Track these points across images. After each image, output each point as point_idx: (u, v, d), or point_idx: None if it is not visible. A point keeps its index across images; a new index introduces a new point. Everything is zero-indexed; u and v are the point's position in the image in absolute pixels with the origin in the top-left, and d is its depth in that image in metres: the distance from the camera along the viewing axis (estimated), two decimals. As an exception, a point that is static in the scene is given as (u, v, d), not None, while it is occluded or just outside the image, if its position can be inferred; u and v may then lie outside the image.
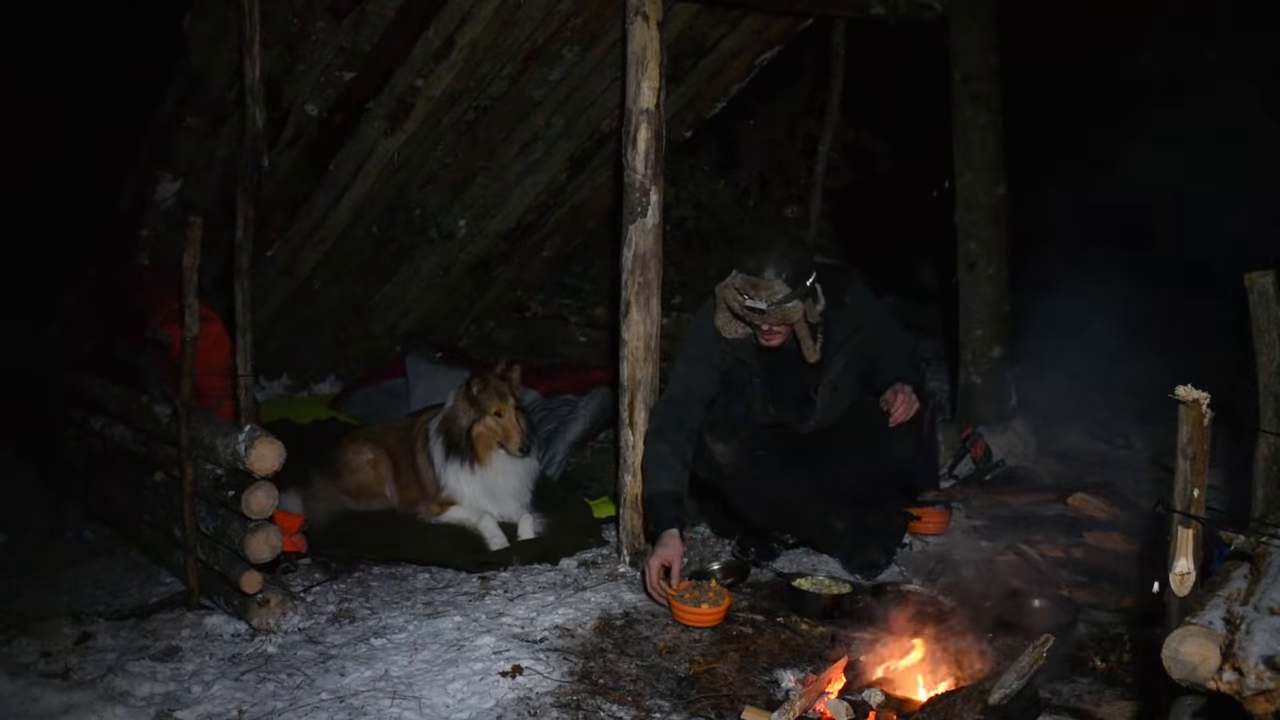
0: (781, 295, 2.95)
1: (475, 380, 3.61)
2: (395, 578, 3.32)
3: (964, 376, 4.79)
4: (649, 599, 3.05)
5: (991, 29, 4.62)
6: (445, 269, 5.86)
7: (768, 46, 5.35)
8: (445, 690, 2.43)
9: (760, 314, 2.99)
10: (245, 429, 2.81)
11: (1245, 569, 1.84)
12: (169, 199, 4.54)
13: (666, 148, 3.33)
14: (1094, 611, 2.91)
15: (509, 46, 4.54)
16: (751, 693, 2.43)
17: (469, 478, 3.59)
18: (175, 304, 3.57)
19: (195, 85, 4.13)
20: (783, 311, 2.98)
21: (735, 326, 3.16)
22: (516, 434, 3.54)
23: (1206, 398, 1.80)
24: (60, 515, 4.01)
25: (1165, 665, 1.53)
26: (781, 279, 2.96)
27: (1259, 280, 2.23)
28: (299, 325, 5.65)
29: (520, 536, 3.57)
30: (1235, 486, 2.87)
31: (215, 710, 2.35)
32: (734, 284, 3.02)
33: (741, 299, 2.99)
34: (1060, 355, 4.76)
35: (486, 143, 5.18)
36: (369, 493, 3.81)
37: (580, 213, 6.13)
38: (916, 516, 3.68)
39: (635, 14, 3.15)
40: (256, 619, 2.82)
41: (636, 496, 3.32)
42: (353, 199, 4.98)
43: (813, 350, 3.13)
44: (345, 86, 4.38)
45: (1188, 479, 1.81)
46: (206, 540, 2.97)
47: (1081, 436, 5.02)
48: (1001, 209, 4.67)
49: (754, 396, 3.31)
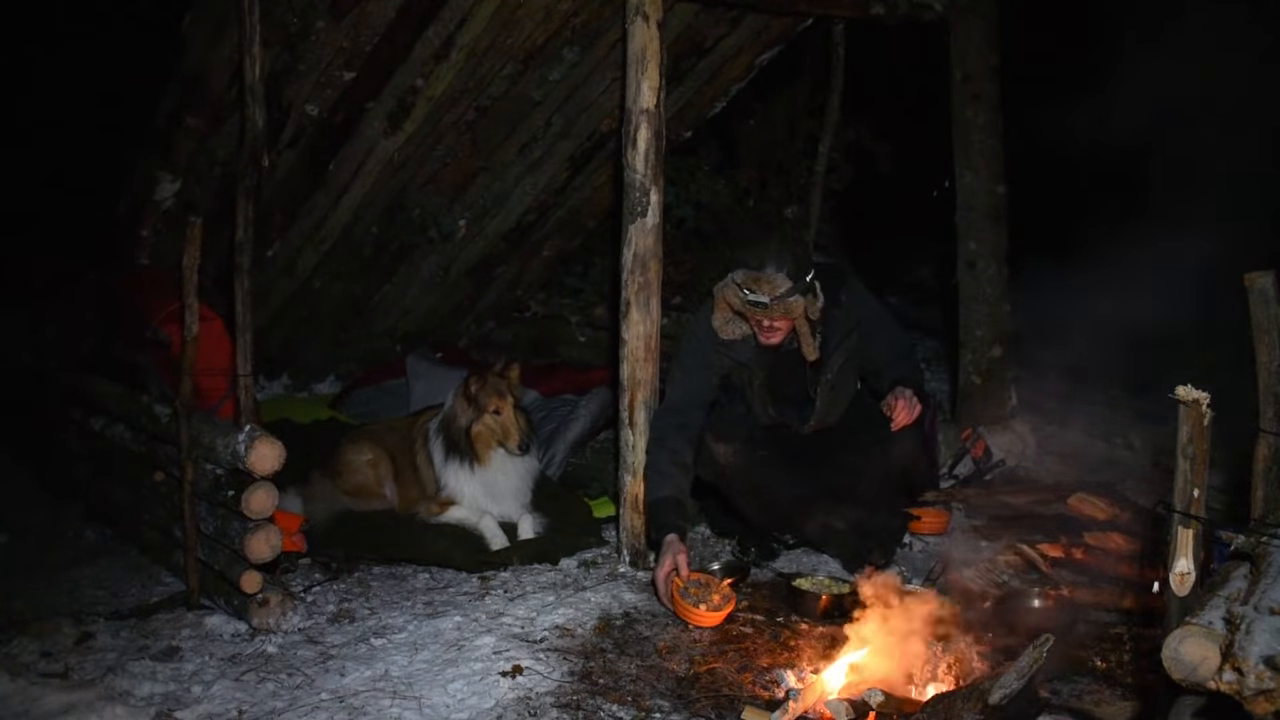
0: (784, 289, 2.96)
1: (474, 379, 3.60)
2: (395, 578, 3.32)
3: (964, 376, 4.79)
4: (649, 599, 3.05)
5: (992, 29, 4.62)
6: (445, 269, 5.86)
7: (768, 46, 5.35)
8: (445, 690, 2.43)
9: (763, 309, 2.99)
10: (245, 429, 2.81)
11: (1245, 569, 1.84)
12: (169, 199, 4.54)
13: (666, 148, 3.33)
14: (1094, 611, 2.91)
15: (509, 46, 4.54)
16: (751, 693, 2.43)
17: (469, 477, 3.59)
18: (175, 304, 3.58)
19: (195, 85, 4.13)
20: (785, 306, 2.98)
21: (733, 327, 3.16)
22: (515, 432, 3.53)
23: (1206, 398, 1.80)
24: (60, 515, 4.01)
25: (1165, 665, 1.53)
26: (783, 273, 2.96)
27: (1259, 280, 2.22)
28: (299, 325, 5.66)
29: (520, 536, 3.57)
30: (1235, 486, 2.87)
31: (215, 710, 2.35)
32: (735, 280, 3.03)
33: (743, 294, 3.00)
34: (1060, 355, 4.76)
35: (486, 143, 5.18)
36: (369, 493, 3.81)
37: (580, 213, 6.14)
38: (916, 516, 3.67)
39: (635, 14, 3.15)
40: (256, 619, 2.82)
41: (636, 496, 3.32)
42: (353, 199, 4.98)
43: (812, 348, 3.14)
44: (345, 86, 4.38)
45: (1188, 479, 1.81)
46: (206, 540, 2.97)
47: (1081, 436, 5.01)
48: (1001, 209, 4.67)
49: (753, 398, 3.31)
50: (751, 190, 6.83)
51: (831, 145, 5.66)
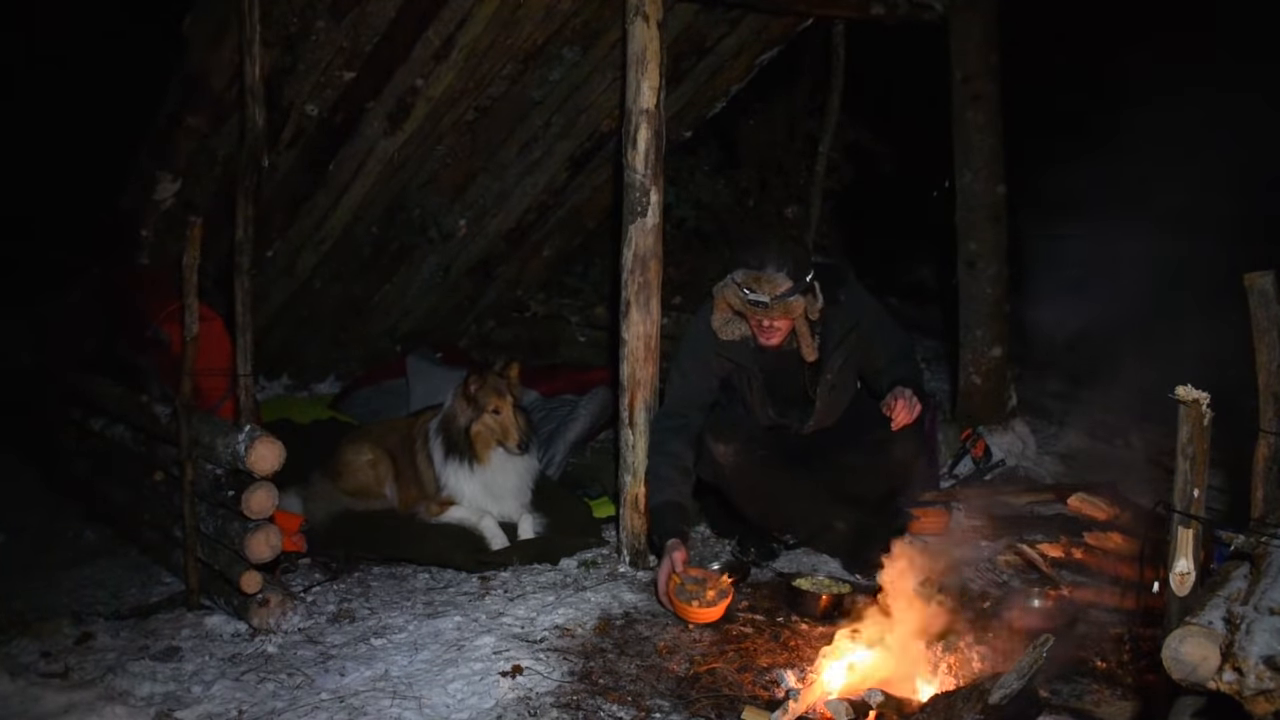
0: (784, 289, 2.96)
1: (473, 379, 3.60)
2: (395, 578, 3.32)
3: (964, 376, 4.79)
4: (649, 599, 3.05)
5: (992, 29, 4.62)
6: (445, 269, 5.86)
7: (768, 46, 5.35)
8: (445, 690, 2.43)
9: (764, 308, 2.99)
10: (245, 429, 2.81)
11: (1245, 569, 1.84)
12: (169, 199, 4.54)
13: (666, 148, 3.33)
14: (1094, 611, 2.91)
15: (509, 46, 4.54)
16: (751, 693, 2.43)
17: (469, 477, 3.59)
18: (175, 304, 3.57)
19: (195, 85, 4.13)
20: (785, 306, 2.98)
21: (733, 328, 3.16)
22: (515, 432, 3.53)
23: (1206, 398, 1.80)
24: (60, 515, 4.01)
25: (1165, 665, 1.53)
26: (783, 273, 2.96)
27: (1259, 280, 2.22)
28: (299, 325, 5.66)
29: (520, 536, 3.57)
30: (1235, 486, 2.87)
31: (215, 710, 2.35)
32: (735, 279, 3.03)
33: (743, 294, 3.00)
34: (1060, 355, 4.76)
35: (486, 143, 5.18)
36: (369, 493, 3.81)
37: (580, 213, 6.14)
38: (916, 516, 3.67)
39: (635, 14, 3.15)
40: (256, 619, 2.82)
41: (637, 497, 3.32)
42: (353, 199, 4.98)
43: (811, 349, 3.14)
44: (345, 86, 4.38)
45: (1188, 479, 1.82)
46: (206, 540, 2.97)
47: (1081, 436, 5.01)
48: (1001, 209, 4.67)
49: (753, 400, 3.31)
50: (751, 190, 6.84)
51: (831, 145, 5.66)
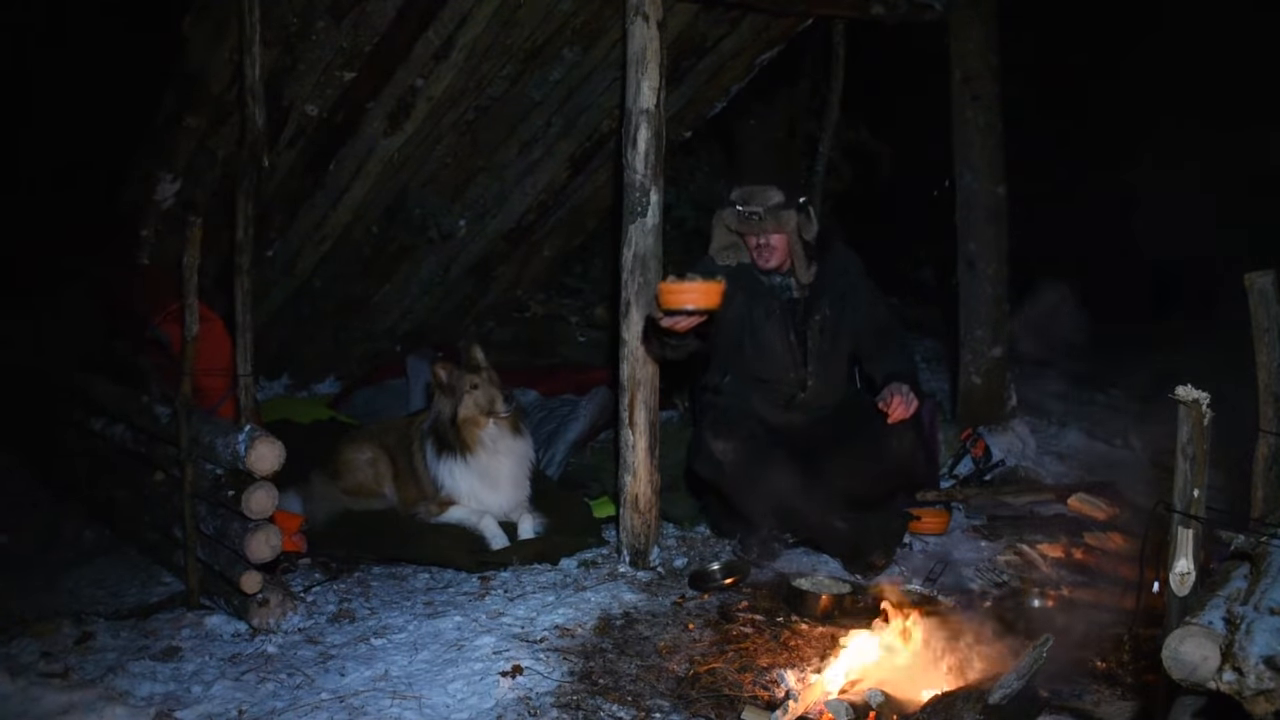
0: (776, 201, 3.21)
1: (440, 368, 3.61)
2: (395, 578, 3.32)
3: (964, 376, 4.79)
4: (649, 599, 3.05)
5: (992, 29, 4.62)
6: (445, 269, 5.86)
7: (768, 46, 5.34)
8: (445, 690, 2.43)
9: (757, 219, 3.22)
10: (245, 429, 2.81)
11: (1245, 569, 1.84)
12: (169, 199, 4.53)
13: (666, 148, 3.34)
14: (1094, 611, 2.91)
15: (509, 46, 4.54)
16: (751, 693, 2.43)
17: (464, 470, 3.58)
18: (175, 304, 3.57)
19: (195, 85, 4.13)
20: (778, 218, 3.21)
21: (731, 253, 3.38)
22: (497, 391, 3.55)
23: (1206, 398, 1.80)
24: (60, 515, 4.00)
25: (1165, 665, 1.53)
26: (775, 188, 3.23)
27: (1259, 280, 2.22)
28: (299, 325, 5.65)
29: (520, 536, 3.56)
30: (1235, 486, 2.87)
31: (215, 710, 2.35)
32: (730, 198, 3.27)
33: (738, 210, 3.24)
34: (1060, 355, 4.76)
35: (486, 143, 5.18)
36: (369, 493, 3.81)
37: (580, 213, 6.13)
38: (916, 516, 3.68)
39: (635, 14, 3.15)
40: (256, 619, 2.82)
41: (636, 496, 3.32)
42: (353, 199, 4.97)
43: (806, 271, 3.32)
44: (345, 86, 4.38)
45: (1188, 479, 1.81)
46: (206, 540, 2.97)
47: (1081, 436, 5.02)
48: (1001, 209, 4.67)
49: (770, 333, 3.37)
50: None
51: (831, 145, 5.65)
